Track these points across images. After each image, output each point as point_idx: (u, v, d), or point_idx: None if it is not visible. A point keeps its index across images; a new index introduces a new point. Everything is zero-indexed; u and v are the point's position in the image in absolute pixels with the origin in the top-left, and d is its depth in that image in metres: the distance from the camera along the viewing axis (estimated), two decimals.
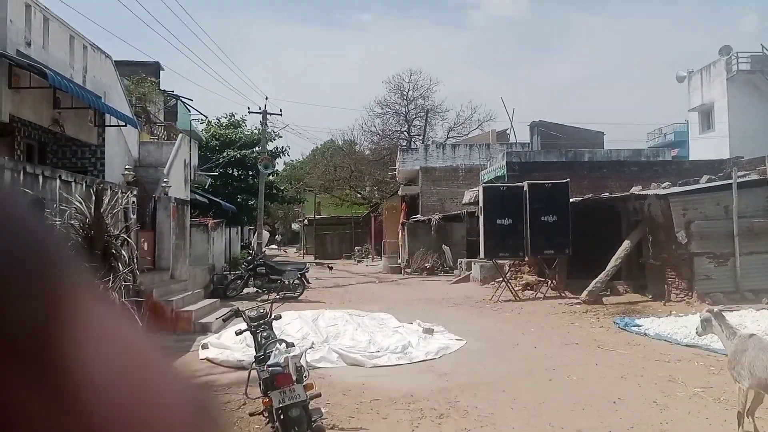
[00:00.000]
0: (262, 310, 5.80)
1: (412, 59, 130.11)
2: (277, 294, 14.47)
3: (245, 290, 16.17)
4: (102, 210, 7.48)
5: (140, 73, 20.55)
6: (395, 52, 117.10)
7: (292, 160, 56.63)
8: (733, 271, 12.49)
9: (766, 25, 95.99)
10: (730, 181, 12.95)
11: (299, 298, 15.41)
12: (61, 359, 0.35)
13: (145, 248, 12.20)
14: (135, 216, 10.71)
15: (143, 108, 20.42)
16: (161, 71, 27.65)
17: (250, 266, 15.39)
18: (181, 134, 16.69)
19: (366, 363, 8.22)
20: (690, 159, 26.30)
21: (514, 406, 6.13)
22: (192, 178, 17.44)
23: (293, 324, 9.71)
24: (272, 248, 56.09)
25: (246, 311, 5.87)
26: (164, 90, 25.46)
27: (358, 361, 8.28)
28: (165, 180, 13.05)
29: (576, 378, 7.07)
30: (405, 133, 43.71)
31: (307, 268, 15.85)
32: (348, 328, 9.57)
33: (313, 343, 8.96)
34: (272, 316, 5.80)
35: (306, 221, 45.11)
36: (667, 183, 14.71)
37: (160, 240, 12.45)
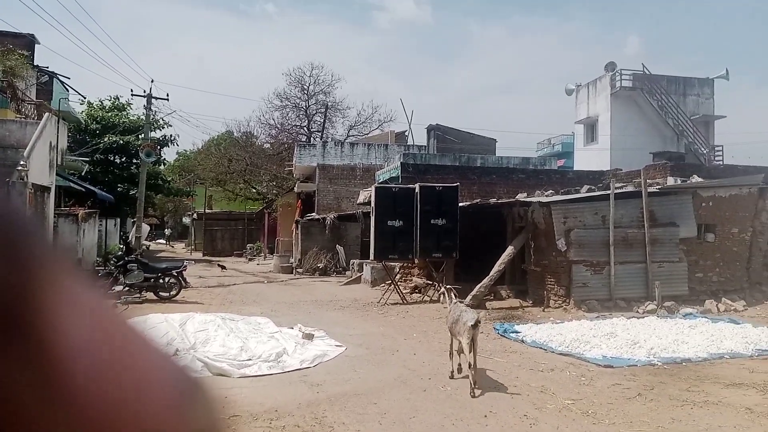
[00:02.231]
0: None
1: (315, 55, 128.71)
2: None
3: (115, 288, 14.85)
4: None
5: (6, 45, 18.52)
6: (299, 46, 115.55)
7: (185, 150, 54.19)
8: (608, 279, 12.97)
9: (645, 48, 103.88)
10: (608, 192, 13.46)
11: (175, 298, 14.38)
12: (40, 337, 0.35)
13: None
14: None
15: (8, 83, 18.43)
16: (36, 44, 25.29)
17: (120, 262, 14.13)
18: (47, 114, 15.08)
19: (233, 373, 7.59)
20: (574, 169, 27.55)
21: (383, 420, 5.78)
22: (59, 163, 15.85)
23: (158, 328, 8.88)
24: (159, 243, 53.29)
25: None
26: (37, 65, 23.24)
27: (224, 370, 7.63)
28: (22, 163, 11.65)
29: (450, 389, 6.84)
30: (305, 128, 42.94)
31: (185, 266, 14.79)
32: (219, 334, 8.88)
33: (177, 350, 8.23)
34: None
35: (195, 215, 43.08)
36: (551, 191, 15.11)
37: None
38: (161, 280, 14.31)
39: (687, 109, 30.55)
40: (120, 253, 15.53)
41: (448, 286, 8.68)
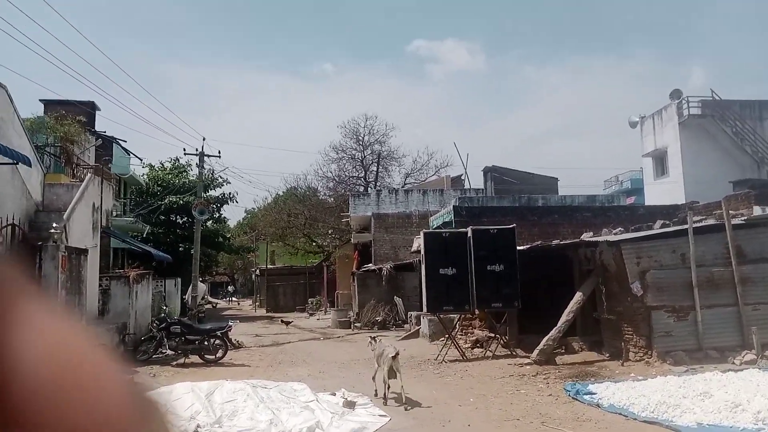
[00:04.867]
0: None
1: (372, 109, 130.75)
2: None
3: (164, 352, 14.29)
4: None
5: (60, 111, 18.98)
6: (356, 101, 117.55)
7: (254, 209, 55.02)
8: (695, 326, 11.32)
9: (712, 80, 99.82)
10: (686, 226, 11.95)
11: (221, 361, 13.67)
12: None
13: None
14: None
15: (63, 148, 18.82)
16: (96, 111, 26.16)
17: (162, 325, 13.61)
18: (88, 175, 15.06)
19: None
20: (645, 205, 25.65)
21: None
22: (104, 224, 15.72)
23: (184, 399, 8.11)
24: (233, 300, 53.54)
25: None
26: (94, 130, 23.88)
27: None
28: (55, 225, 11.40)
29: None
30: (362, 179, 42.74)
31: (230, 326, 14.11)
32: (248, 405, 8.00)
33: (198, 426, 7.39)
34: None
35: (258, 271, 43.08)
36: (620, 229, 13.67)
37: None
38: (206, 342, 13.66)
39: (766, 134, 28.19)
40: (162, 315, 15.06)
41: (373, 336, 11.37)
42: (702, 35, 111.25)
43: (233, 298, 54.88)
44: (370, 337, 11.11)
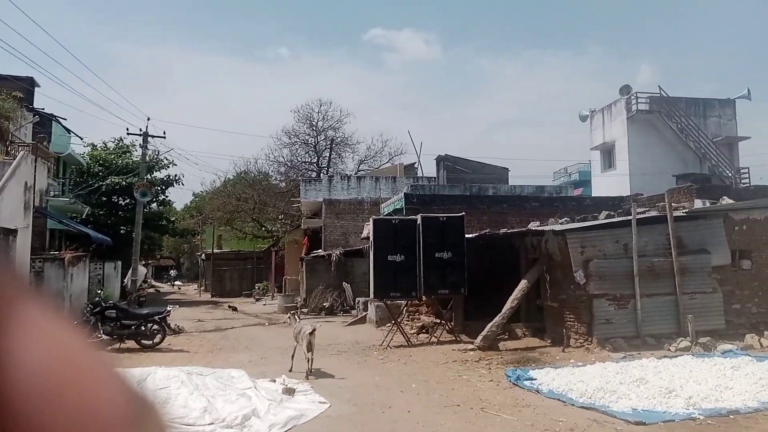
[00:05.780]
0: None
1: (328, 95, 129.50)
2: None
3: (99, 337, 13.71)
4: None
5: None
6: (312, 87, 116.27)
7: (201, 192, 53.73)
8: (634, 314, 11.56)
9: (659, 77, 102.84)
10: (629, 218, 12.16)
11: (159, 346, 13.21)
12: None
13: None
14: None
15: None
16: (36, 87, 24.90)
17: (96, 309, 13.03)
18: (21, 152, 14.23)
19: None
20: (592, 196, 26.19)
21: None
22: (38, 204, 14.94)
23: None
24: (177, 285, 52.22)
25: None
26: (32, 107, 22.70)
27: None
28: None
29: None
30: (314, 164, 42.22)
31: (168, 311, 13.64)
32: (182, 392, 7.68)
33: None
34: None
35: (204, 256, 42.11)
36: (566, 219, 13.84)
37: None
38: (143, 327, 13.16)
39: (708, 131, 29.17)
40: (97, 299, 14.44)
41: (292, 312, 12.95)
42: (650, 33, 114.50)
43: (177, 282, 53.58)
44: (290, 313, 12.09)
